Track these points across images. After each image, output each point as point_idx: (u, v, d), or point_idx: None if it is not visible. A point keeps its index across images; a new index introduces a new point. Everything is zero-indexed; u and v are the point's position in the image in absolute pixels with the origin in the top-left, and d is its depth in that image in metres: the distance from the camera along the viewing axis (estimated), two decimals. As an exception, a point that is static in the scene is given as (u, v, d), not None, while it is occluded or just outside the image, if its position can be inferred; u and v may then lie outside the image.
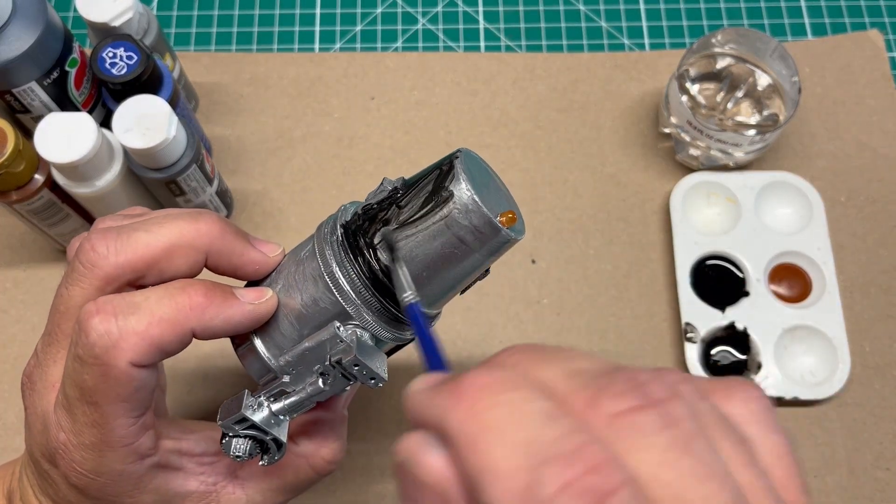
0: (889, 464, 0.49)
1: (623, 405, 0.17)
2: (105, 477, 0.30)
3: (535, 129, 0.59)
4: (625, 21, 0.64)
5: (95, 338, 0.27)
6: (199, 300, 0.29)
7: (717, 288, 0.52)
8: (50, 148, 0.42)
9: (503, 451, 0.17)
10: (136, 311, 0.28)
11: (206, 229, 0.31)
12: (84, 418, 0.29)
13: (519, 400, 0.17)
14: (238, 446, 0.31)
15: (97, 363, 0.28)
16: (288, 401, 0.32)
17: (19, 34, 0.43)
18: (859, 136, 0.58)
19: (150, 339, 0.28)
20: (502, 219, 0.29)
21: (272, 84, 0.60)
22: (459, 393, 0.18)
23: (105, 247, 0.29)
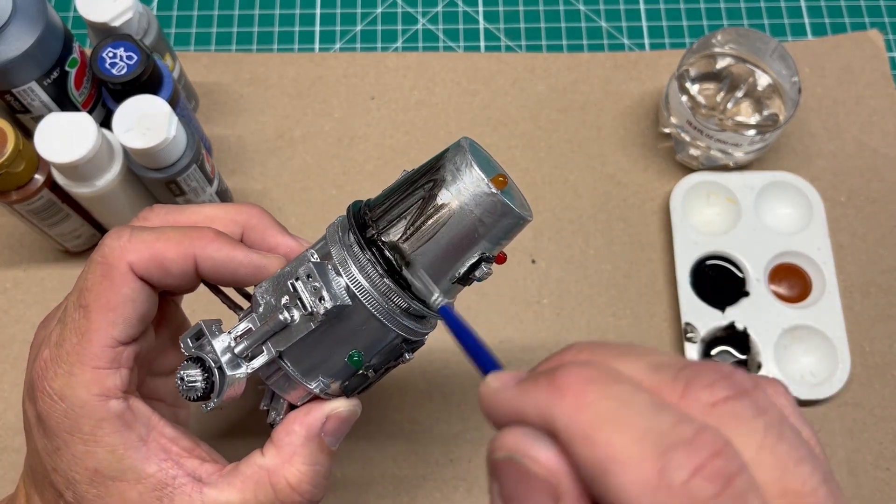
0: (889, 464, 0.49)
1: (719, 394, 0.18)
2: (67, 402, 0.30)
3: (535, 129, 0.59)
4: (625, 21, 0.64)
5: (108, 241, 0.31)
6: (208, 234, 0.31)
7: (717, 288, 0.52)
8: (50, 148, 0.42)
9: (626, 441, 0.17)
10: (150, 230, 0.31)
11: (247, 209, 0.34)
12: (72, 325, 0.30)
13: (625, 392, 0.18)
14: (190, 372, 0.30)
15: (102, 262, 0.30)
16: (250, 339, 0.31)
17: (19, 34, 0.43)
18: (859, 136, 0.58)
19: (154, 250, 0.30)
20: (493, 182, 0.29)
21: (272, 84, 0.60)
22: (561, 387, 0.18)
23: (160, 208, 0.33)
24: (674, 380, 0.19)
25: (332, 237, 0.31)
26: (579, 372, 0.18)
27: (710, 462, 0.16)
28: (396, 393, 0.50)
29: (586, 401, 0.18)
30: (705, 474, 0.16)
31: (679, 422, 0.17)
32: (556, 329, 0.52)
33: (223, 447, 0.34)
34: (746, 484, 0.16)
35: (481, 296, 0.53)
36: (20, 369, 0.51)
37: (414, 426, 0.49)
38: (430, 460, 0.49)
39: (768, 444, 0.18)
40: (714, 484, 0.16)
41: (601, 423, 0.17)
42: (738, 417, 0.18)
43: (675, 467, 0.16)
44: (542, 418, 0.18)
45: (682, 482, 0.16)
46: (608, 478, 0.17)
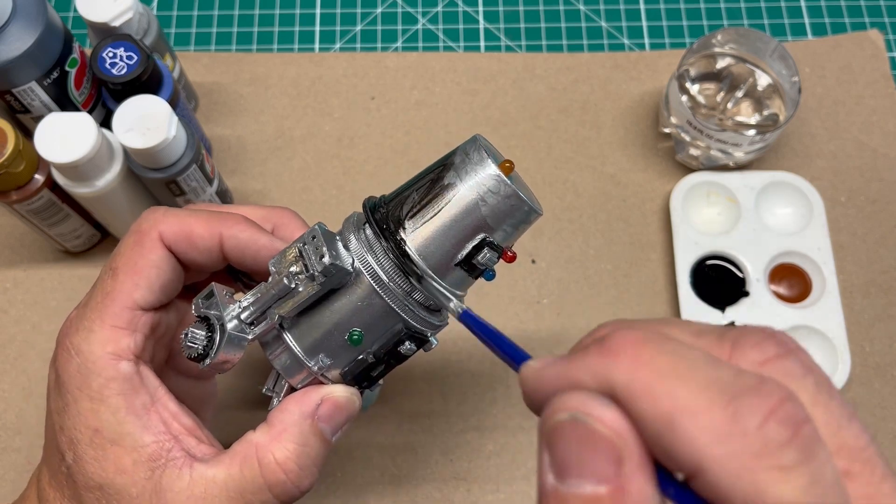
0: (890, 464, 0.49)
1: (768, 353, 0.18)
2: (81, 357, 0.31)
3: (535, 129, 0.59)
4: (625, 21, 0.64)
5: (144, 216, 0.33)
6: (237, 217, 0.33)
7: (717, 288, 0.52)
8: (50, 148, 0.42)
9: (691, 391, 0.17)
10: (184, 209, 0.34)
11: (280, 210, 0.36)
12: (100, 285, 0.32)
13: (680, 349, 0.18)
14: (196, 331, 0.31)
15: (136, 231, 0.33)
16: (256, 305, 0.31)
17: (19, 34, 0.43)
18: (859, 136, 0.58)
19: (185, 224, 0.32)
20: (500, 168, 0.30)
21: (272, 84, 0.60)
22: (615, 349, 0.18)
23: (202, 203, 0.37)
24: (720, 340, 0.19)
25: (348, 224, 0.32)
26: (630, 334, 0.18)
27: (781, 406, 0.16)
28: (396, 392, 0.50)
29: (643, 359, 0.18)
30: (778, 418, 0.16)
31: (739, 373, 0.17)
32: (556, 329, 0.52)
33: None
34: (814, 431, 0.17)
35: (481, 296, 0.53)
36: (20, 369, 0.51)
37: (414, 426, 0.49)
38: (430, 460, 0.49)
39: (821, 401, 0.18)
40: (786, 429, 0.16)
41: (662, 377, 0.17)
42: (790, 374, 0.18)
43: (746, 412, 0.16)
44: (600, 381, 0.18)
45: (756, 427, 0.16)
46: (676, 429, 0.17)
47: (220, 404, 0.44)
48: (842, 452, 0.17)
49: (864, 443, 0.18)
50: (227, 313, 0.32)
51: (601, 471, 0.17)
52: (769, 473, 0.16)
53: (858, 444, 0.18)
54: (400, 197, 0.31)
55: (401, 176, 0.56)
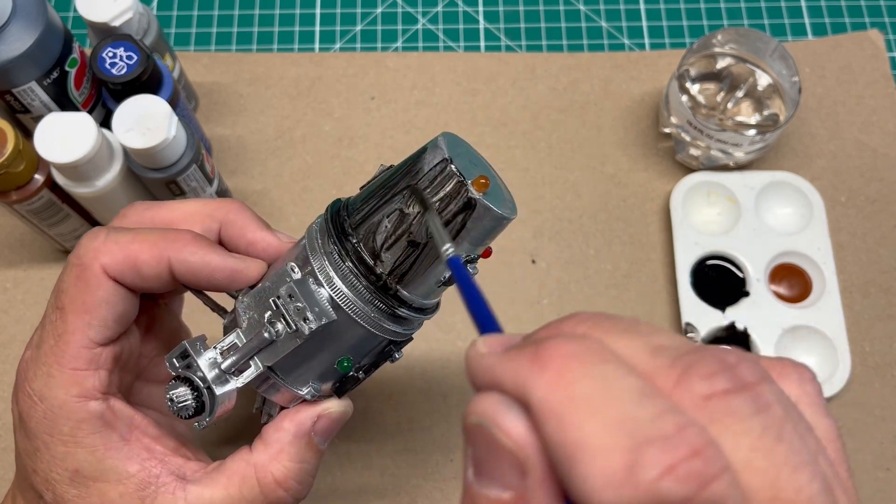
0: (889, 464, 0.49)
1: (716, 387, 0.17)
2: (46, 404, 0.30)
3: (535, 129, 0.59)
4: (625, 21, 0.64)
5: (83, 242, 0.30)
6: (185, 237, 0.31)
7: (718, 288, 0.52)
8: (50, 148, 0.42)
9: (598, 428, 0.16)
10: (125, 231, 0.31)
11: (226, 204, 0.33)
12: (49, 326, 0.30)
13: (610, 374, 0.17)
14: (179, 392, 0.30)
15: (77, 263, 0.30)
16: (236, 355, 0.30)
17: (19, 34, 0.43)
18: (859, 136, 0.58)
19: (128, 252, 0.30)
20: (473, 185, 0.27)
21: (272, 84, 0.60)
22: (543, 360, 0.17)
23: (140, 204, 0.33)
24: (671, 365, 0.17)
25: (312, 244, 0.30)
26: (566, 346, 0.17)
27: (687, 462, 0.15)
28: (396, 393, 0.50)
29: (566, 378, 0.17)
30: (678, 475, 0.15)
31: (662, 413, 0.16)
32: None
33: (220, 454, 0.34)
34: (724, 489, 0.15)
35: (481, 296, 0.53)
36: (20, 369, 0.51)
37: (414, 426, 0.49)
38: (430, 460, 0.49)
39: (763, 446, 0.16)
40: (686, 486, 0.15)
41: (576, 405, 0.16)
42: (734, 414, 0.16)
43: (645, 463, 0.15)
44: (518, 389, 0.17)
45: (651, 480, 0.15)
46: (574, 465, 0.16)
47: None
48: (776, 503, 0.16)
49: (808, 494, 0.16)
50: (207, 368, 0.30)
51: (506, 478, 0.17)
52: None
53: (799, 497, 0.16)
54: (366, 214, 0.29)
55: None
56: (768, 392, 0.17)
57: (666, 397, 0.17)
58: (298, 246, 0.31)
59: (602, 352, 0.17)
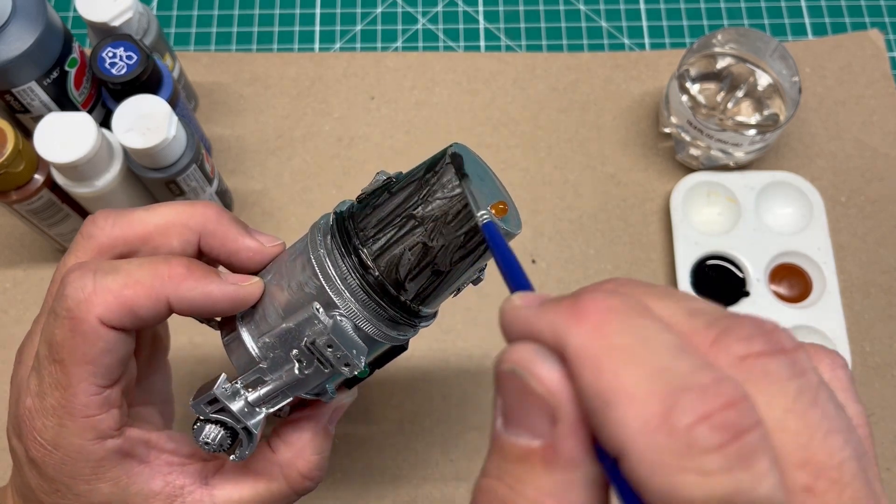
0: (889, 464, 0.49)
1: (753, 348, 0.17)
2: (62, 451, 0.29)
3: (535, 129, 0.59)
4: (625, 21, 0.64)
5: (70, 291, 0.28)
6: (179, 270, 0.29)
7: (718, 288, 0.52)
8: (50, 148, 0.42)
9: (636, 375, 0.16)
10: (114, 272, 0.29)
11: (202, 211, 0.31)
12: (49, 378, 0.29)
13: (649, 327, 0.17)
14: (209, 433, 0.30)
15: (68, 316, 0.28)
16: (264, 389, 0.30)
17: (19, 34, 0.43)
18: (859, 136, 0.58)
19: (124, 299, 0.28)
20: (492, 210, 0.28)
21: (272, 84, 0.60)
22: (582, 311, 0.17)
23: (104, 220, 0.31)
24: (707, 326, 0.17)
25: (328, 275, 0.29)
26: (606, 300, 0.17)
27: (721, 412, 0.15)
28: (396, 392, 0.50)
29: (605, 329, 0.17)
30: (712, 423, 0.15)
31: (699, 367, 0.16)
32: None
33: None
34: (757, 442, 0.15)
35: (482, 297, 0.53)
36: (20, 369, 0.51)
37: (414, 426, 0.49)
38: (430, 460, 0.49)
39: (797, 409, 0.16)
40: (719, 435, 0.15)
41: (614, 353, 0.16)
42: (769, 375, 0.17)
43: (681, 410, 0.15)
44: (555, 338, 0.17)
45: (686, 426, 0.15)
46: (609, 410, 0.16)
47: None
48: (807, 467, 0.16)
49: (839, 459, 0.16)
50: (238, 409, 0.30)
51: (536, 426, 0.17)
52: (686, 476, 0.15)
53: (831, 461, 0.16)
54: (390, 255, 0.29)
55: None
56: (804, 359, 0.17)
57: (703, 355, 0.17)
58: (305, 264, 0.30)
59: (641, 307, 0.17)
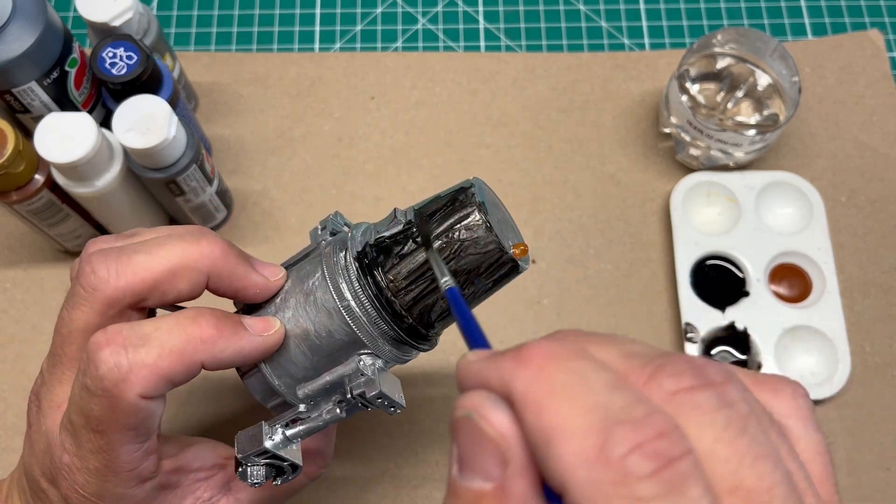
0: (889, 464, 0.49)
1: (683, 383, 0.18)
2: (106, 500, 0.30)
3: (535, 129, 0.59)
4: (625, 21, 0.64)
5: (105, 370, 0.27)
6: (210, 332, 0.29)
7: (718, 288, 0.52)
8: (50, 148, 0.42)
9: (573, 412, 0.17)
10: (146, 343, 0.28)
11: (209, 251, 0.30)
12: (89, 444, 0.29)
13: (585, 368, 0.18)
14: (255, 474, 0.32)
15: (106, 395, 0.28)
16: (304, 426, 0.32)
17: (19, 34, 0.43)
18: (859, 136, 0.58)
19: (160, 372, 0.28)
20: (515, 251, 0.30)
21: (272, 84, 0.60)
22: (525, 358, 0.19)
23: (105, 270, 0.29)
24: (643, 366, 0.19)
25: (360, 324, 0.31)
26: (546, 345, 0.19)
27: (652, 441, 0.16)
28: (396, 393, 0.50)
29: (545, 372, 0.18)
30: (644, 451, 0.16)
31: (632, 402, 0.17)
32: (555, 329, 0.52)
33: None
34: (688, 469, 0.16)
35: (481, 296, 0.53)
36: (20, 369, 0.51)
37: (414, 426, 0.49)
38: (430, 460, 0.49)
39: (726, 437, 0.17)
40: (651, 462, 0.16)
41: (554, 393, 0.17)
42: (698, 407, 0.18)
43: (615, 442, 0.16)
44: (503, 385, 0.19)
45: (619, 456, 0.16)
46: (550, 447, 0.17)
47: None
48: (738, 492, 0.17)
49: (767, 484, 0.17)
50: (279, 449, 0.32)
51: (488, 469, 0.18)
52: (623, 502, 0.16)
53: (760, 485, 0.17)
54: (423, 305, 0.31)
55: (401, 176, 0.56)
56: (733, 391, 0.18)
57: (637, 391, 0.18)
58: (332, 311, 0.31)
59: (579, 351, 0.19)
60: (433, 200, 0.31)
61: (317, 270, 0.32)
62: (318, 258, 0.32)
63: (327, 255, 0.32)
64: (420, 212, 0.31)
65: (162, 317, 0.30)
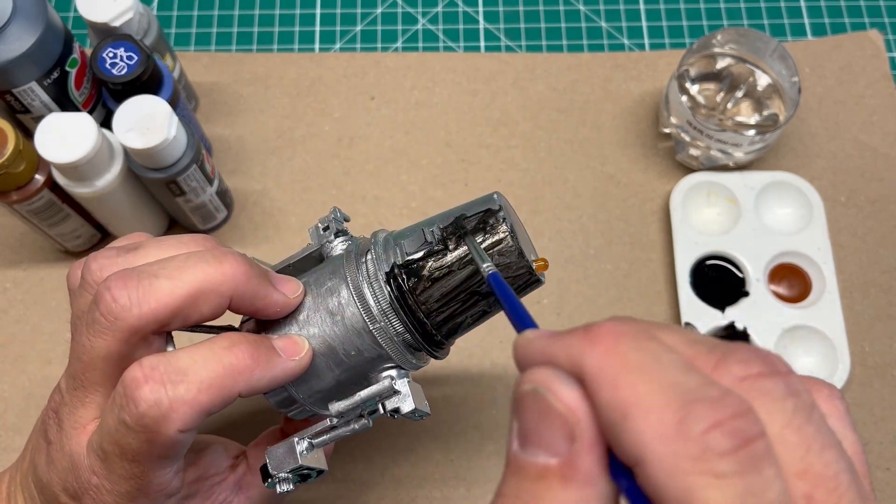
0: (889, 464, 0.49)
1: (751, 370, 0.18)
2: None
3: (535, 129, 0.59)
4: (625, 21, 0.64)
5: (145, 408, 0.27)
6: (246, 363, 0.29)
7: (717, 288, 0.52)
8: (50, 148, 0.42)
9: (651, 389, 0.17)
10: (184, 379, 0.28)
11: (231, 273, 0.30)
12: (121, 471, 0.29)
13: (658, 348, 0.18)
14: (287, 485, 0.33)
15: (145, 431, 0.28)
16: (331, 435, 0.33)
17: (20, 34, 0.43)
18: (859, 136, 0.58)
19: (199, 407, 0.28)
20: (535, 265, 0.32)
21: (272, 84, 0.60)
22: (595, 336, 0.19)
23: (127, 297, 0.28)
24: (709, 352, 0.19)
25: (391, 342, 0.32)
26: (615, 325, 0.19)
27: (731, 420, 0.17)
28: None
29: (618, 350, 0.18)
30: (724, 430, 0.16)
31: (707, 383, 0.17)
32: (556, 329, 0.52)
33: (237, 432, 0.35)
34: (764, 449, 0.17)
35: (481, 296, 0.53)
36: (20, 369, 0.51)
37: (415, 426, 0.49)
38: (431, 460, 0.49)
39: (795, 424, 0.18)
40: (731, 440, 0.16)
41: (628, 370, 0.18)
42: (768, 394, 0.18)
43: (695, 418, 0.17)
44: (572, 362, 0.19)
45: (699, 433, 0.16)
46: (627, 422, 0.17)
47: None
48: (807, 476, 0.17)
49: (834, 471, 0.18)
50: (309, 459, 0.33)
51: (554, 444, 0.18)
52: (702, 478, 0.16)
53: (827, 472, 0.17)
54: (453, 323, 0.32)
55: (401, 176, 0.56)
56: (797, 382, 0.19)
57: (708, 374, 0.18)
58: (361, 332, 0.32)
59: (649, 333, 0.19)
60: (458, 220, 0.32)
61: (340, 288, 0.32)
62: (339, 274, 0.33)
63: (352, 273, 0.32)
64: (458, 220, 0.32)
65: (197, 347, 0.30)
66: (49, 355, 0.51)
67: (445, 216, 0.32)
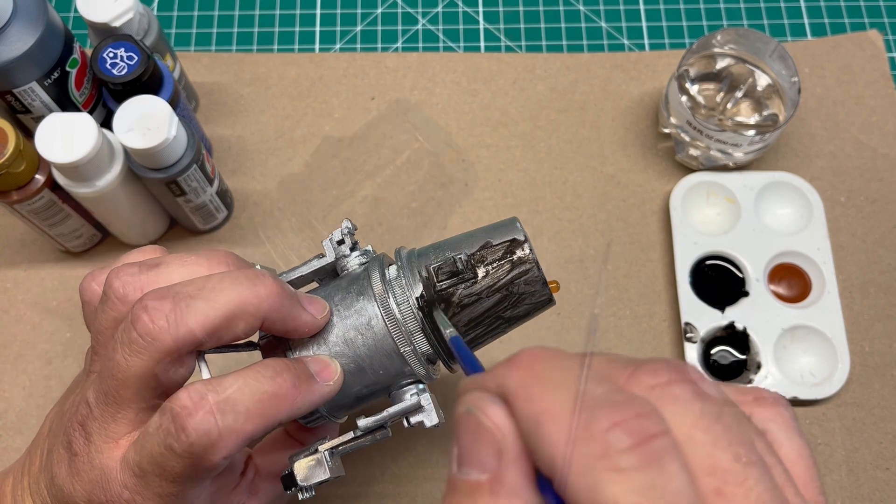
0: (889, 464, 0.49)
1: (660, 378, 0.19)
2: None
3: (535, 129, 0.59)
4: (625, 21, 0.64)
5: (196, 438, 0.28)
6: (289, 391, 0.30)
7: (717, 288, 0.52)
8: (51, 148, 0.42)
9: (560, 398, 0.19)
10: (233, 408, 0.29)
11: (266, 294, 0.31)
12: (158, 489, 0.30)
13: (571, 365, 0.20)
14: (306, 493, 0.34)
15: (191, 457, 0.28)
16: (355, 444, 0.35)
17: (20, 34, 0.43)
18: (859, 136, 0.58)
19: (246, 435, 0.29)
20: (550, 286, 0.34)
21: (272, 84, 0.60)
22: (516, 361, 0.21)
23: (164, 319, 0.29)
24: (623, 367, 0.20)
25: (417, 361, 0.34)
26: (534, 350, 0.21)
27: (633, 420, 0.18)
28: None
29: (534, 369, 0.20)
30: (624, 427, 0.17)
31: (614, 391, 0.19)
32: (556, 329, 0.52)
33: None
34: (665, 445, 0.17)
35: (481, 296, 0.53)
36: (20, 369, 0.51)
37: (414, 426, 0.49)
38: (431, 460, 0.49)
39: (702, 424, 0.18)
40: (631, 437, 0.17)
41: (542, 385, 0.19)
42: (676, 399, 0.19)
43: (598, 420, 0.18)
44: (498, 385, 0.20)
45: (601, 432, 0.17)
46: (540, 429, 0.18)
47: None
48: (716, 472, 0.18)
49: (742, 465, 0.18)
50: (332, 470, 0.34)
51: (485, 461, 0.20)
52: (605, 474, 0.17)
53: (735, 466, 0.18)
54: (475, 344, 0.35)
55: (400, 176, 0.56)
56: (708, 386, 0.20)
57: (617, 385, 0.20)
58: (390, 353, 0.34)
59: (565, 354, 0.21)
60: (484, 247, 0.34)
61: (368, 309, 0.34)
62: (367, 295, 0.34)
63: (380, 295, 0.33)
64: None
65: (242, 375, 0.30)
66: (49, 355, 0.51)
67: (470, 241, 0.34)
